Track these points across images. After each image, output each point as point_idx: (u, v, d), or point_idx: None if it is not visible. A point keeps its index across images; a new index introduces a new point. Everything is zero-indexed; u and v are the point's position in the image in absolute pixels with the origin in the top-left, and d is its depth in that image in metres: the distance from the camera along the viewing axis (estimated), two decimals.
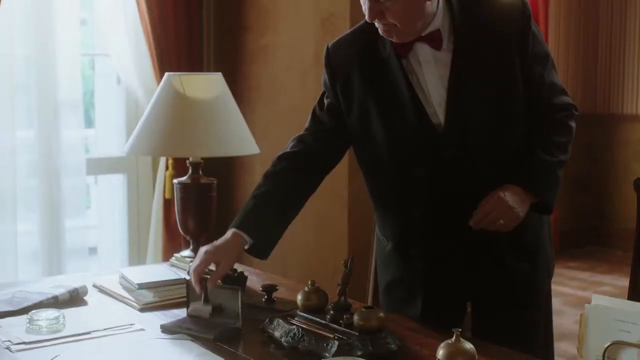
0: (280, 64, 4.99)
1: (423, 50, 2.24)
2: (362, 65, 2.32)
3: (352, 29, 2.46)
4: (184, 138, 3.04)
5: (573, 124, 2.34)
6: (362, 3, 2.19)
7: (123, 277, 2.70)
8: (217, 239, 2.39)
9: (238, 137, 3.12)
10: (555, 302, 5.55)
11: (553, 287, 2.58)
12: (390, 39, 2.23)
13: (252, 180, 5.15)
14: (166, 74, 3.14)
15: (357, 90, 2.33)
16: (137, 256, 5.03)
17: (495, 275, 2.37)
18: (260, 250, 2.39)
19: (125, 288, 2.65)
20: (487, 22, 2.26)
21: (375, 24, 2.20)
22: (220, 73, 3.23)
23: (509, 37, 2.25)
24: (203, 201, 3.09)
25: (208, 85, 3.13)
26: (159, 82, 3.71)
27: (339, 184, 4.66)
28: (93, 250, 5.10)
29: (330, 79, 2.42)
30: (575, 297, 5.82)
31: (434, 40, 2.22)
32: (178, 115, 3.05)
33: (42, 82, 4.55)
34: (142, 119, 3.13)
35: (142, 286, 2.60)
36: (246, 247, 2.36)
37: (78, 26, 4.70)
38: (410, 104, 2.24)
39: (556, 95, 2.32)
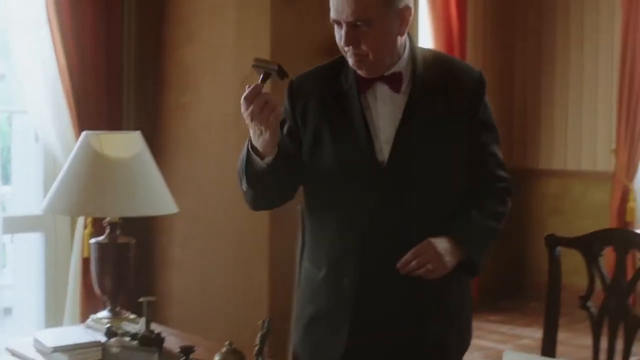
0: (201, 121, 4.99)
1: (382, 90, 2.34)
2: (322, 93, 2.39)
3: (318, 65, 2.54)
4: (102, 197, 3.01)
5: (509, 201, 2.46)
6: (336, 32, 2.28)
7: (37, 341, 2.64)
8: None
9: (157, 196, 3.10)
10: (476, 357, 5.62)
11: (473, 341, 2.59)
12: (359, 71, 2.32)
13: (172, 239, 5.11)
14: (84, 132, 3.12)
15: (313, 114, 2.38)
16: (53, 317, 4.91)
17: (413, 333, 2.38)
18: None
19: (39, 351, 2.60)
20: (445, 78, 2.38)
21: (348, 53, 2.29)
22: (139, 131, 3.22)
23: (463, 99, 2.36)
24: (121, 261, 3.06)
25: (126, 144, 3.11)
26: (77, 139, 3.68)
27: (261, 242, 4.65)
28: (8, 311, 4.97)
29: (290, 103, 2.48)
30: (496, 351, 5.87)
31: (394, 82, 2.33)
32: (96, 174, 3.02)
33: None
34: (60, 177, 3.10)
35: (57, 349, 2.55)
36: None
37: None
38: (361, 135, 2.32)
39: (497, 168, 2.45)
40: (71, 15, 4.64)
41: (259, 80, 2.27)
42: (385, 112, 2.33)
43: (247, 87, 2.26)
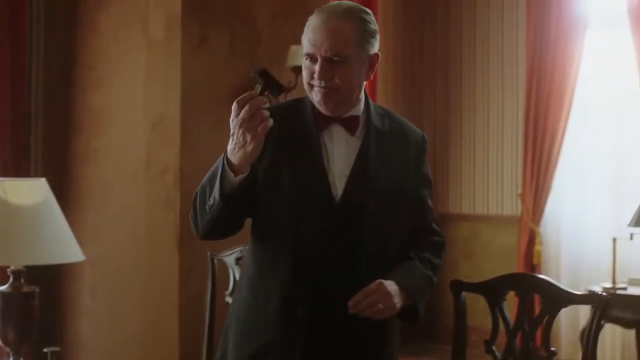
0: (111, 165, 4.95)
1: (338, 131, 2.40)
2: (281, 128, 2.36)
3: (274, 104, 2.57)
4: (5, 245, 2.96)
5: (443, 255, 2.56)
6: (306, 67, 2.33)
7: None
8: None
9: (62, 244, 3.06)
10: None
11: None
12: (325, 106, 2.36)
13: (80, 286, 5.03)
14: None
15: (271, 147, 2.36)
16: None
17: None
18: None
19: None
20: (394, 130, 2.48)
21: (316, 88, 2.34)
22: (44, 178, 3.18)
23: (409, 153, 2.48)
24: (25, 311, 2.99)
25: (31, 191, 3.07)
26: None
27: (170, 288, 4.62)
28: None
29: None
30: None
31: (351, 125, 2.40)
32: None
33: None
34: None
35: None
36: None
37: None
38: (318, 170, 2.37)
39: (433, 221, 2.54)
40: None
41: (256, 91, 2.23)
42: (340, 152, 2.40)
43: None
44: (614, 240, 5.34)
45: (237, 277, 3.24)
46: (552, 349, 2.50)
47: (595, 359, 2.45)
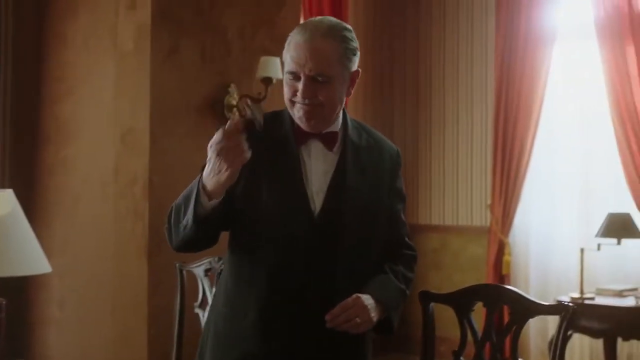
0: (80, 176, 4.92)
1: (316, 147, 2.42)
2: (259, 142, 2.35)
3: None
4: None
5: (415, 268, 2.61)
6: (289, 84, 2.35)
7: None
8: None
9: (28, 256, 3.03)
10: None
11: None
12: (307, 123, 2.38)
13: (48, 298, 4.99)
14: None
15: (250, 162, 2.32)
16: None
17: None
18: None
19: None
20: (370, 145, 2.51)
21: (298, 105, 2.36)
22: (11, 189, 3.16)
23: (385, 167, 2.51)
24: None
25: None
26: None
27: (139, 299, 4.59)
28: None
29: None
30: None
31: (329, 140, 2.43)
32: None
33: None
34: None
35: None
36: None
37: None
38: (297, 185, 2.38)
39: (406, 236, 2.60)
40: None
41: (247, 116, 2.26)
42: (318, 167, 2.42)
43: (229, 121, 2.23)
44: (582, 250, 5.39)
45: (206, 289, 3.24)
46: (520, 359, 2.51)
47: None
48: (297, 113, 2.38)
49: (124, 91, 4.75)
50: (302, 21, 6.08)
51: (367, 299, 2.35)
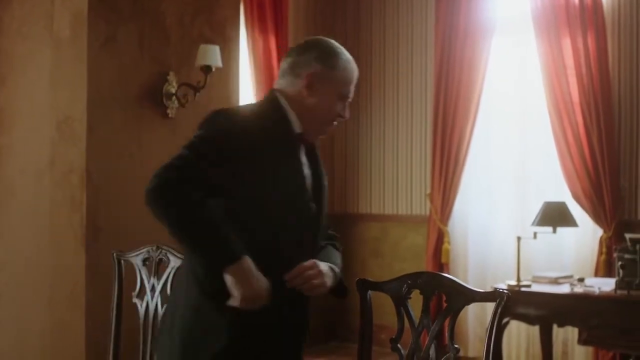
0: (15, 166, 4.84)
1: (302, 150, 2.61)
2: (268, 138, 2.47)
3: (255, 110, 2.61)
4: None
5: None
6: (336, 105, 2.61)
7: None
8: None
9: None
10: None
11: None
12: (323, 135, 2.67)
13: None
14: None
15: (259, 155, 2.43)
16: None
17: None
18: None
19: None
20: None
21: (334, 123, 2.64)
22: None
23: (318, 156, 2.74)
24: None
25: None
26: None
27: (76, 290, 4.54)
28: None
29: (233, 135, 2.43)
30: None
31: (312, 145, 2.67)
32: None
33: None
34: None
35: None
36: None
37: None
38: (302, 182, 2.55)
39: (330, 227, 2.79)
40: None
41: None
42: (306, 168, 2.61)
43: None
44: (518, 239, 5.46)
45: (144, 278, 3.21)
46: (456, 345, 2.54)
47: (499, 353, 2.50)
48: (325, 130, 2.64)
49: (60, 79, 4.67)
50: (241, 9, 6.05)
51: (324, 265, 2.50)
